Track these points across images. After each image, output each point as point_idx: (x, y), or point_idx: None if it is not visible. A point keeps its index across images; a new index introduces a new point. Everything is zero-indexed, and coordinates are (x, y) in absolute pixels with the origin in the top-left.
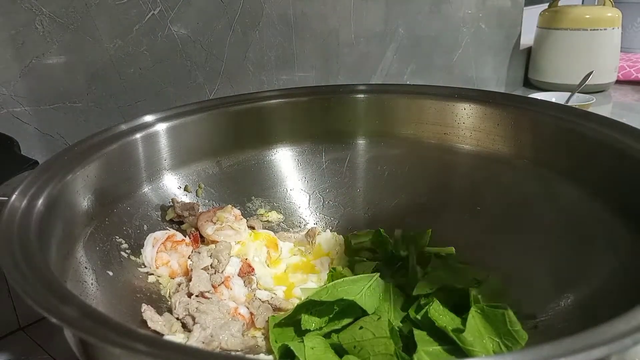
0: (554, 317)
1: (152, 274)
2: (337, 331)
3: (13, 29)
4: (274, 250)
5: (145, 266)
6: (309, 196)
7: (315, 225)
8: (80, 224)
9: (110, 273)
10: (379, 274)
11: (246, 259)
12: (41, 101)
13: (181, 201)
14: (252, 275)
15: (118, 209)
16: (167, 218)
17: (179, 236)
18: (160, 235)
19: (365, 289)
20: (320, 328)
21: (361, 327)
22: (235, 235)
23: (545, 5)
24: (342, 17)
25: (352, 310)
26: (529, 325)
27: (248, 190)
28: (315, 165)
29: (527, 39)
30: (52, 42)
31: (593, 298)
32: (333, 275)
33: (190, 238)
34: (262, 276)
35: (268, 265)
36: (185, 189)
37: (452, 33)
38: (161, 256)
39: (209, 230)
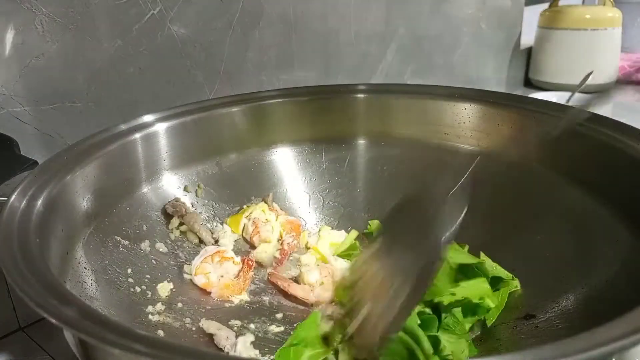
0: (554, 317)
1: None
2: None
3: (13, 29)
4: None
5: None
6: (309, 196)
7: None
8: (80, 224)
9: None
10: None
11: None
12: (41, 101)
13: (171, 201)
14: None
15: (117, 209)
16: (170, 227)
17: (230, 253)
18: (211, 249)
19: None
20: None
21: None
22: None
23: (545, 5)
24: (342, 17)
25: None
26: (529, 326)
27: (248, 190)
28: (315, 165)
29: (528, 39)
30: (52, 42)
31: (593, 298)
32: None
33: (243, 263)
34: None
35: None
36: (185, 189)
37: (452, 33)
38: (204, 266)
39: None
